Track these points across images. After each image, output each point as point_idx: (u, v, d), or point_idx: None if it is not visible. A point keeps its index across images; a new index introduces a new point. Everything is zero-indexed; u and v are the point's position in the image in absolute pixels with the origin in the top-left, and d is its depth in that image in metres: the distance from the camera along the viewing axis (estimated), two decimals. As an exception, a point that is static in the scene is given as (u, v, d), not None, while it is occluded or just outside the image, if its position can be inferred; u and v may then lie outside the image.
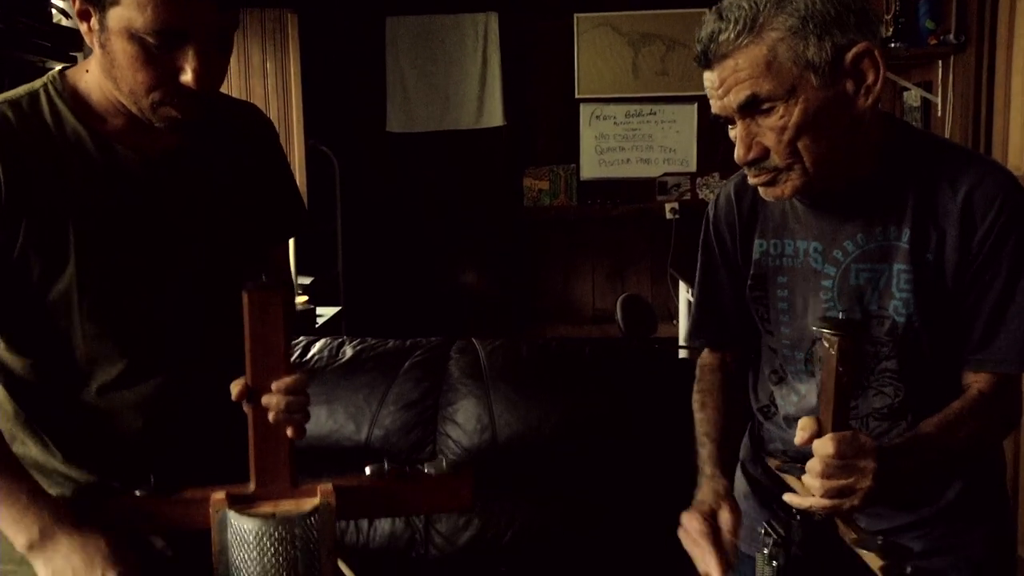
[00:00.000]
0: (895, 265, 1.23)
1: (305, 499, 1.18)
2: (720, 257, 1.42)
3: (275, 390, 1.13)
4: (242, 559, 1.14)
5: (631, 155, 4.84)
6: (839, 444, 1.08)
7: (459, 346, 2.45)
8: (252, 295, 1.12)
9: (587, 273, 4.96)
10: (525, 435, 2.26)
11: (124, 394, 1.27)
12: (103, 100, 1.23)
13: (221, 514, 1.14)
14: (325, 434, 2.32)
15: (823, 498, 1.10)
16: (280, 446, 1.18)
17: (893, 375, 1.27)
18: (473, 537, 2.24)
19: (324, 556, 1.18)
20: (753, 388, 1.47)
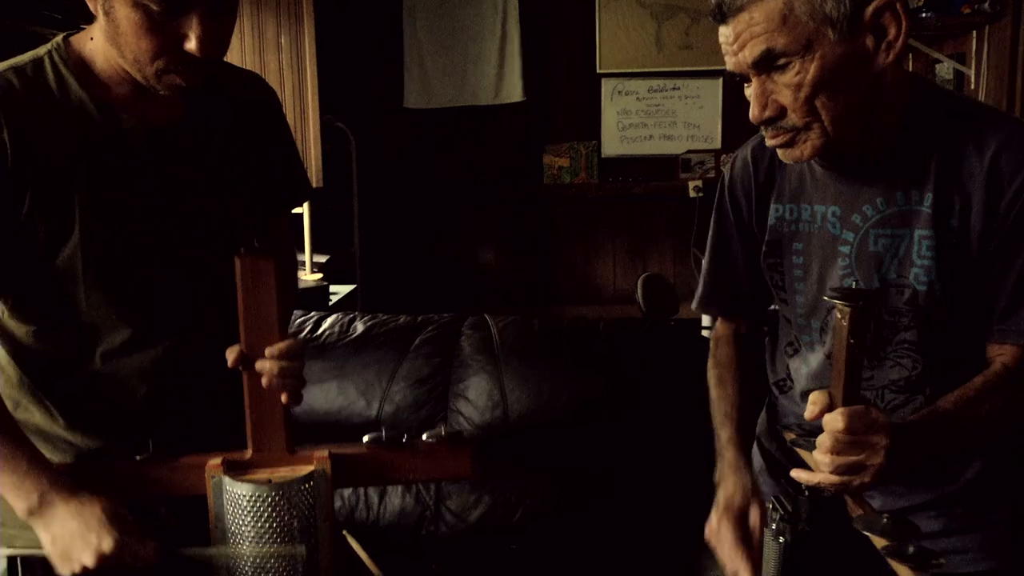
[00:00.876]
0: (916, 231, 1.21)
1: (301, 466, 1.21)
2: (735, 223, 1.41)
3: (268, 356, 1.15)
4: (238, 524, 1.16)
5: (654, 132, 4.81)
6: (850, 419, 1.07)
7: (471, 322, 2.47)
8: (244, 260, 1.15)
9: (608, 252, 4.95)
10: (537, 412, 2.27)
11: (128, 361, 1.30)
12: (107, 68, 1.25)
13: (217, 479, 1.17)
14: (335, 410, 2.35)
15: (832, 474, 1.09)
16: (275, 412, 1.20)
17: (912, 347, 1.26)
18: (484, 514, 2.26)
19: (321, 522, 1.20)
20: (770, 361, 1.47)
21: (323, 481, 1.19)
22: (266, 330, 1.15)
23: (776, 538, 1.12)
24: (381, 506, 2.31)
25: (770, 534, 1.13)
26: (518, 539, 2.23)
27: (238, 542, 1.17)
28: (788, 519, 1.12)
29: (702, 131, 4.79)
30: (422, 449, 1.26)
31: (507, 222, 4.92)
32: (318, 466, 1.20)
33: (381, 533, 2.27)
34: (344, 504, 2.31)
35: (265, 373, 1.15)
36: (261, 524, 1.16)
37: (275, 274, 1.13)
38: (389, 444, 1.25)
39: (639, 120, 4.81)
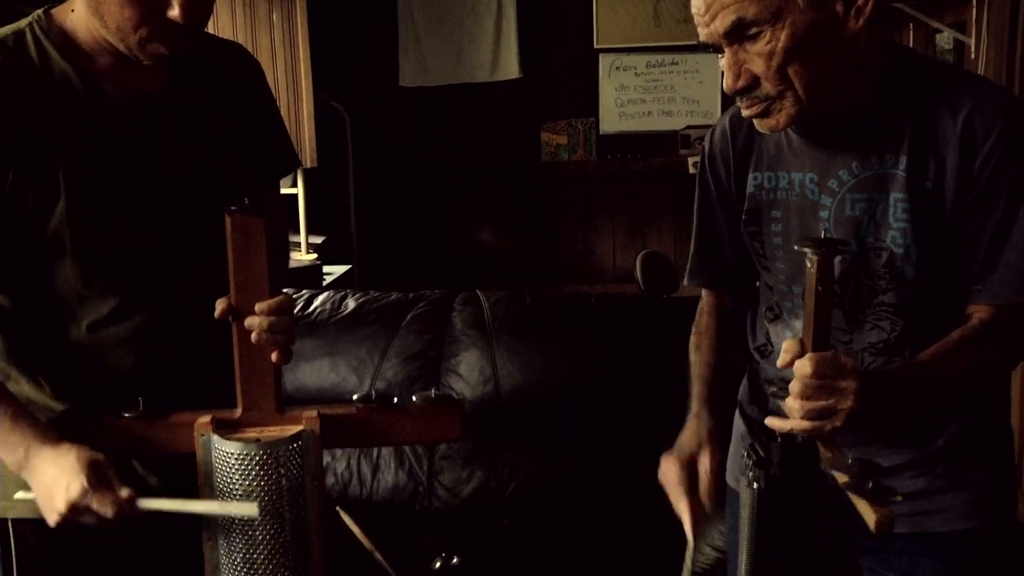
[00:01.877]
0: (892, 194, 1.24)
1: (290, 425, 1.25)
2: (716, 193, 1.44)
3: (258, 311, 1.19)
4: (226, 483, 1.20)
5: (652, 107, 4.84)
6: (818, 364, 1.10)
7: (462, 298, 2.51)
8: (234, 219, 1.19)
9: (607, 230, 4.97)
10: (529, 386, 2.32)
11: (114, 330, 1.33)
12: (89, 39, 1.28)
13: (205, 438, 1.21)
14: (327, 387, 2.39)
15: (803, 419, 1.12)
16: (265, 372, 1.24)
17: (890, 309, 1.29)
18: (476, 489, 2.31)
19: (309, 482, 1.24)
20: (751, 328, 1.50)
21: (312, 441, 1.23)
22: (256, 288, 1.19)
23: (750, 484, 1.16)
24: (374, 482, 2.36)
25: (744, 481, 1.17)
26: (511, 514, 2.27)
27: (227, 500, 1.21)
28: (761, 465, 1.16)
29: (702, 106, 4.81)
30: (412, 410, 1.30)
31: (505, 201, 4.95)
32: (307, 426, 1.23)
33: (374, 509, 2.32)
34: (337, 480, 2.35)
35: (255, 328, 1.19)
36: (249, 483, 1.19)
37: (265, 233, 1.17)
38: (379, 405, 1.29)
39: (638, 96, 4.83)
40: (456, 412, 1.32)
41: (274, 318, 1.20)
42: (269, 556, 1.22)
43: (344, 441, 1.30)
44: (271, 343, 1.22)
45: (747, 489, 1.17)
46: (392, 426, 1.30)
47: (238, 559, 1.22)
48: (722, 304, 1.52)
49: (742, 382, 1.55)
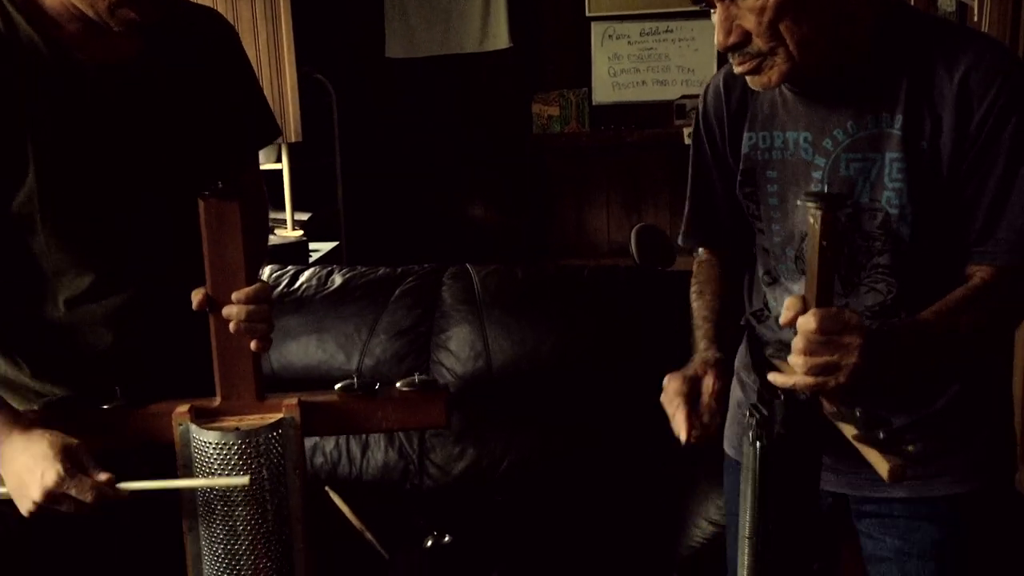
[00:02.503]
0: (887, 154, 1.23)
1: (270, 413, 1.23)
2: (710, 154, 1.43)
3: (235, 300, 1.16)
4: (206, 472, 1.19)
5: (647, 77, 4.79)
6: (822, 319, 1.09)
7: (452, 272, 2.48)
8: (208, 203, 1.16)
9: (601, 204, 4.94)
10: (521, 361, 2.29)
11: (92, 308, 1.31)
12: (57, 5, 1.24)
13: (184, 427, 1.19)
14: (314, 365, 2.37)
15: (806, 375, 1.11)
16: (244, 359, 1.22)
17: (886, 271, 1.28)
18: (468, 467, 2.29)
19: (291, 470, 1.22)
20: (748, 293, 1.49)
21: (292, 429, 1.22)
22: (232, 275, 1.16)
23: (753, 443, 1.16)
24: (364, 461, 2.34)
25: (747, 439, 1.16)
26: (503, 491, 2.26)
27: (207, 491, 1.19)
28: (764, 423, 1.15)
29: (697, 75, 4.76)
30: (395, 397, 1.29)
31: (496, 175, 4.91)
32: (287, 414, 1.22)
33: (364, 488, 2.30)
34: (326, 460, 2.34)
35: (232, 318, 1.17)
36: (229, 472, 1.18)
37: (240, 217, 1.15)
38: (361, 392, 1.27)
39: (631, 65, 4.78)
40: (440, 398, 1.30)
41: (252, 307, 1.18)
42: (251, 546, 1.21)
43: (325, 429, 1.28)
44: (249, 332, 1.20)
45: (750, 447, 1.16)
46: (374, 413, 1.29)
47: (219, 549, 1.21)
48: (721, 257, 1.52)
49: (739, 349, 1.54)
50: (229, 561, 1.21)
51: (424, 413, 1.30)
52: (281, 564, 1.23)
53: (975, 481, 1.33)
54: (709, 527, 1.93)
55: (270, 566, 1.22)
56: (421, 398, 1.29)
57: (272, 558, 1.22)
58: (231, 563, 1.21)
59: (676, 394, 1.27)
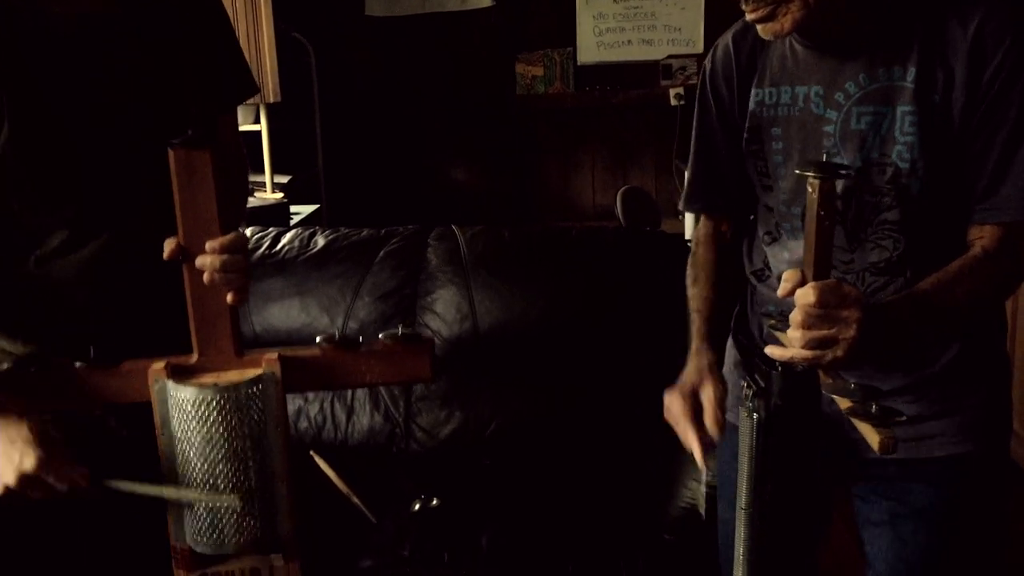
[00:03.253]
0: (899, 107, 1.22)
1: (249, 369, 1.20)
2: (717, 114, 1.42)
3: (209, 250, 1.13)
4: (184, 431, 1.16)
5: (632, 36, 4.73)
6: (820, 293, 1.08)
7: (437, 233, 2.46)
8: (177, 153, 1.12)
9: (586, 166, 4.90)
10: (508, 323, 2.28)
11: (64, 263, 1.28)
12: None
13: (160, 384, 1.16)
14: (297, 328, 2.35)
15: (804, 349, 1.10)
16: (220, 314, 1.18)
17: (893, 227, 1.27)
18: (455, 430, 2.28)
19: (272, 428, 1.19)
20: (748, 252, 1.48)
21: (273, 384, 1.19)
22: (205, 224, 1.13)
23: (750, 415, 1.15)
24: (349, 425, 2.33)
25: (744, 411, 1.16)
26: (491, 453, 2.25)
27: (186, 449, 1.17)
28: (761, 395, 1.15)
29: (684, 35, 4.71)
30: (378, 350, 1.25)
31: (479, 136, 4.86)
32: (267, 369, 1.18)
33: (350, 453, 2.29)
34: (311, 424, 2.32)
35: (206, 268, 1.13)
36: (208, 429, 1.15)
37: (212, 165, 1.11)
38: (343, 345, 1.24)
39: (616, 24, 4.72)
40: (425, 350, 1.27)
41: (226, 257, 1.14)
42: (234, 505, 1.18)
43: (307, 384, 1.25)
44: (224, 283, 1.16)
45: (747, 419, 1.15)
46: (358, 367, 1.25)
47: (201, 509, 1.18)
48: (719, 233, 1.51)
49: (736, 309, 1.52)
50: (211, 520, 1.18)
51: (408, 366, 1.27)
52: (266, 522, 1.21)
53: (971, 444, 1.33)
54: (700, 488, 1.92)
55: (254, 524, 1.20)
56: (405, 351, 1.26)
57: (256, 516, 1.19)
58: (214, 522, 1.19)
59: (682, 416, 1.28)
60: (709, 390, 1.29)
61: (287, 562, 1.25)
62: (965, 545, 1.36)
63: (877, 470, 1.36)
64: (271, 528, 1.22)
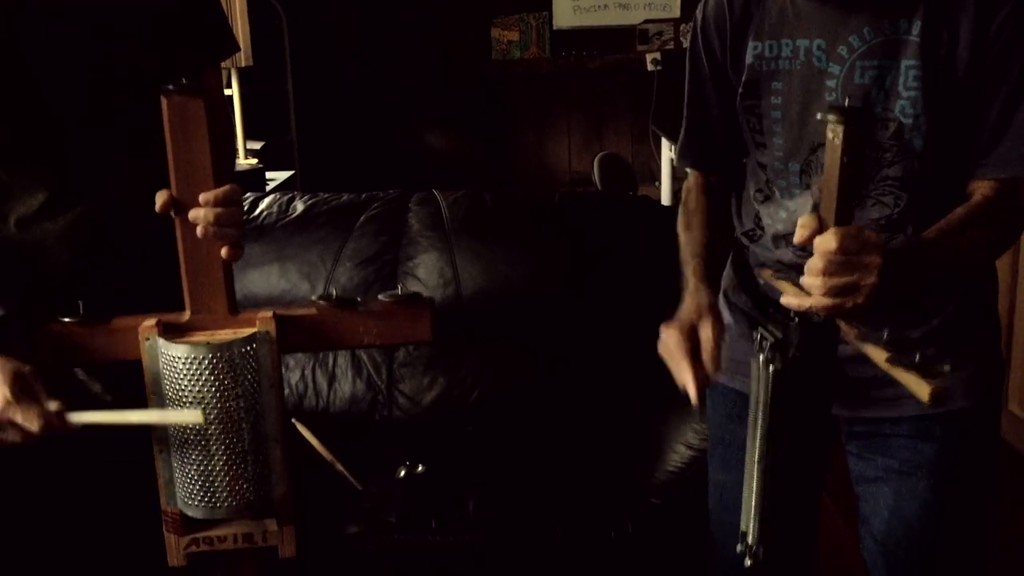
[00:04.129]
0: (903, 61, 1.21)
1: (244, 328, 1.18)
2: (708, 68, 1.40)
3: (203, 202, 1.11)
4: (175, 390, 1.13)
5: (609, 1, 4.70)
6: (843, 239, 1.06)
7: (419, 197, 2.45)
8: (171, 100, 1.09)
9: (562, 132, 4.89)
10: (491, 289, 2.28)
11: (46, 226, 1.26)
12: None
13: (151, 342, 1.14)
14: (277, 295, 2.33)
15: (824, 297, 1.08)
16: (214, 269, 1.16)
17: (895, 183, 1.27)
18: (438, 396, 2.27)
19: (266, 389, 1.18)
20: (737, 213, 1.47)
21: (267, 344, 1.17)
22: (199, 176, 1.10)
23: (766, 366, 1.13)
24: (331, 393, 2.32)
25: (759, 364, 1.14)
26: (475, 420, 2.25)
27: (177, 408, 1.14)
28: (778, 346, 1.12)
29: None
30: (377, 310, 1.24)
31: (453, 102, 4.82)
32: (261, 328, 1.17)
33: (332, 421, 2.28)
34: (292, 392, 2.30)
35: (199, 221, 1.11)
36: (200, 389, 1.13)
37: (206, 114, 1.08)
38: (340, 305, 1.22)
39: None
40: (425, 311, 1.26)
41: (220, 209, 1.12)
42: (226, 467, 1.17)
43: (303, 344, 1.23)
44: (219, 237, 1.14)
45: (762, 371, 1.13)
46: (355, 327, 1.23)
47: (192, 472, 1.16)
48: (709, 183, 1.49)
49: (724, 271, 1.52)
50: (203, 483, 1.16)
51: (408, 327, 1.25)
52: (259, 486, 1.19)
53: (969, 399, 1.34)
54: (687, 452, 1.94)
55: (247, 487, 1.18)
56: (405, 311, 1.25)
57: (249, 479, 1.18)
58: (205, 485, 1.17)
59: (678, 349, 1.23)
60: (708, 327, 1.25)
61: (281, 527, 1.24)
62: (962, 501, 1.37)
63: (873, 427, 1.37)
64: (265, 492, 1.20)
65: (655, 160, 4.67)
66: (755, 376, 1.15)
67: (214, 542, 1.23)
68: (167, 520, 1.21)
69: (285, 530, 1.24)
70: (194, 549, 1.22)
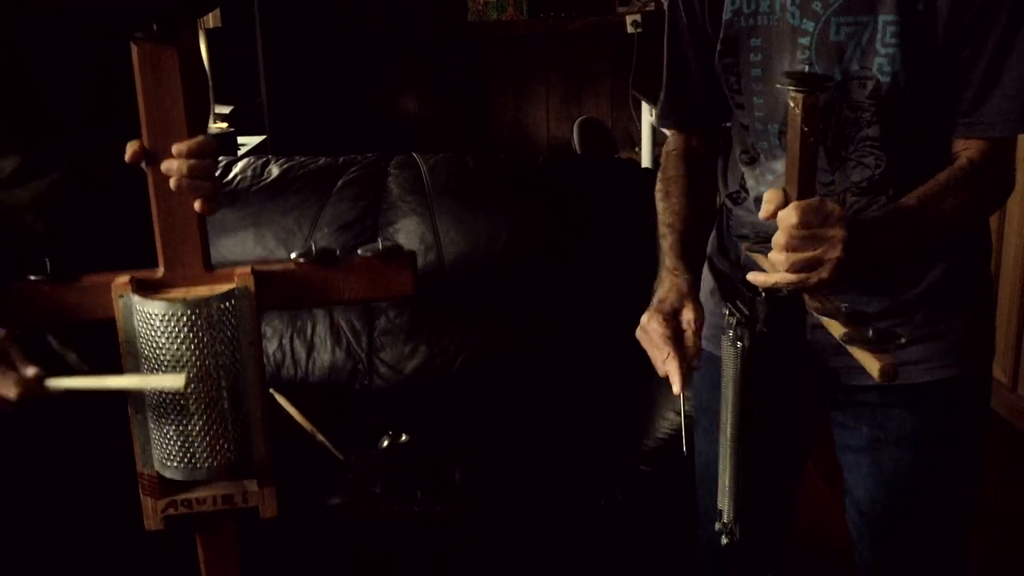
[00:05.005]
0: (881, 16, 1.19)
1: (221, 284, 1.16)
2: (687, 25, 1.38)
3: (176, 153, 1.09)
4: (151, 349, 1.11)
5: (588, -39, 4.69)
6: (804, 212, 1.06)
7: (398, 161, 2.43)
8: (142, 47, 1.07)
9: (540, 96, 4.88)
10: (473, 254, 2.27)
11: (19, 193, 1.25)
12: None
13: (125, 299, 1.11)
14: (253, 261, 2.26)
15: (788, 272, 1.08)
16: (188, 224, 1.14)
17: (875, 143, 1.26)
18: (421, 365, 2.27)
19: (245, 346, 1.16)
20: (722, 175, 1.46)
21: (246, 299, 1.15)
22: (171, 126, 1.07)
23: (734, 343, 1.13)
24: (309, 362, 2.30)
25: (727, 340, 1.14)
26: (458, 389, 2.25)
27: (154, 369, 1.13)
28: (745, 323, 1.13)
29: (641, -41, 4.67)
30: (357, 264, 1.22)
31: (428, 65, 4.80)
32: (239, 283, 1.14)
33: (311, 390, 2.27)
34: (270, 362, 2.29)
35: (173, 173, 1.09)
36: (178, 347, 1.11)
37: (179, 63, 1.06)
38: (320, 260, 1.21)
39: (571, -52, 4.67)
40: (407, 264, 1.24)
41: (194, 161, 1.10)
42: (205, 427, 1.15)
43: (282, 300, 1.21)
44: (192, 190, 1.11)
45: (731, 348, 1.13)
46: (335, 282, 1.22)
47: (170, 432, 1.14)
48: (690, 147, 1.47)
49: (711, 234, 1.51)
50: (182, 444, 1.15)
51: (389, 282, 1.23)
52: (239, 446, 1.18)
53: (955, 368, 1.33)
54: (677, 419, 1.93)
55: (227, 447, 1.16)
56: (386, 265, 1.23)
57: (229, 439, 1.16)
58: (184, 446, 1.15)
59: (659, 336, 1.21)
60: (689, 313, 1.24)
61: (261, 488, 1.22)
62: (948, 472, 1.37)
63: (859, 396, 1.36)
64: (245, 452, 1.19)
65: (635, 124, 4.66)
66: (725, 354, 1.15)
67: (192, 504, 1.21)
68: (143, 483, 1.19)
69: (266, 491, 1.22)
70: (172, 512, 1.20)
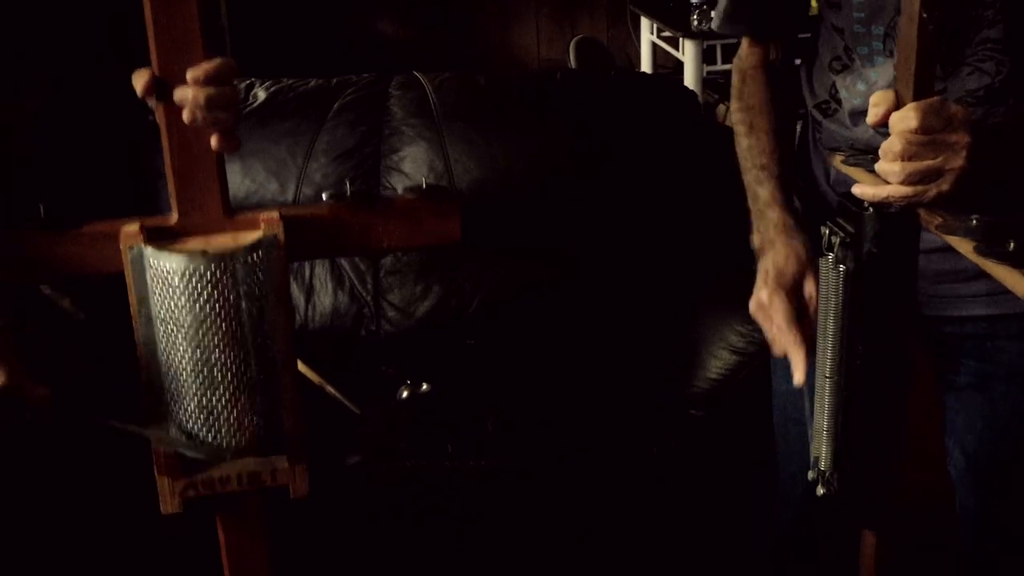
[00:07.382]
0: None
1: (244, 232, 1.04)
2: None
3: (191, 80, 0.96)
4: (168, 309, 1.00)
5: None
6: (924, 114, 0.97)
7: (399, 81, 2.33)
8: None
9: (529, 13, 4.75)
10: (488, 182, 2.19)
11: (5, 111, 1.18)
12: None
13: (136, 251, 1.00)
14: (242, 197, 2.20)
15: (903, 184, 1.00)
16: (205, 162, 1.02)
17: (996, 46, 1.17)
18: (433, 307, 2.19)
19: (273, 304, 1.05)
20: (808, 82, 1.37)
21: (275, 250, 1.03)
22: (185, 49, 0.95)
23: (835, 266, 1.05)
24: (309, 307, 2.22)
25: (828, 264, 1.07)
26: (475, 333, 2.18)
27: (172, 332, 1.02)
28: (850, 243, 1.04)
29: None
30: (398, 207, 1.11)
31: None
32: (267, 231, 1.03)
33: (312, 338, 2.19)
34: (264, 308, 2.18)
35: (187, 104, 0.96)
36: (200, 309, 1.00)
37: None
38: (356, 203, 1.09)
39: None
40: (455, 207, 1.14)
41: (212, 89, 0.97)
42: (232, 399, 1.05)
43: (314, 250, 1.13)
44: (210, 124, 0.99)
45: (832, 272, 1.05)
46: (374, 229, 1.11)
47: (191, 406, 1.04)
48: (769, 63, 1.37)
49: None
50: (206, 418, 1.05)
51: (434, 228, 1.13)
52: (268, 420, 1.08)
53: None
54: (732, 357, 1.87)
55: (256, 422, 1.07)
56: (430, 209, 1.12)
57: (260, 412, 1.06)
58: (208, 421, 1.05)
59: (782, 315, 1.16)
60: (812, 286, 1.18)
61: (292, 464, 1.13)
62: None
63: (963, 327, 1.31)
64: (274, 425, 1.09)
65: (633, 44, 4.55)
66: (824, 279, 1.06)
67: (215, 484, 1.11)
68: (159, 462, 1.09)
69: (297, 468, 1.13)
70: (192, 494, 1.10)
